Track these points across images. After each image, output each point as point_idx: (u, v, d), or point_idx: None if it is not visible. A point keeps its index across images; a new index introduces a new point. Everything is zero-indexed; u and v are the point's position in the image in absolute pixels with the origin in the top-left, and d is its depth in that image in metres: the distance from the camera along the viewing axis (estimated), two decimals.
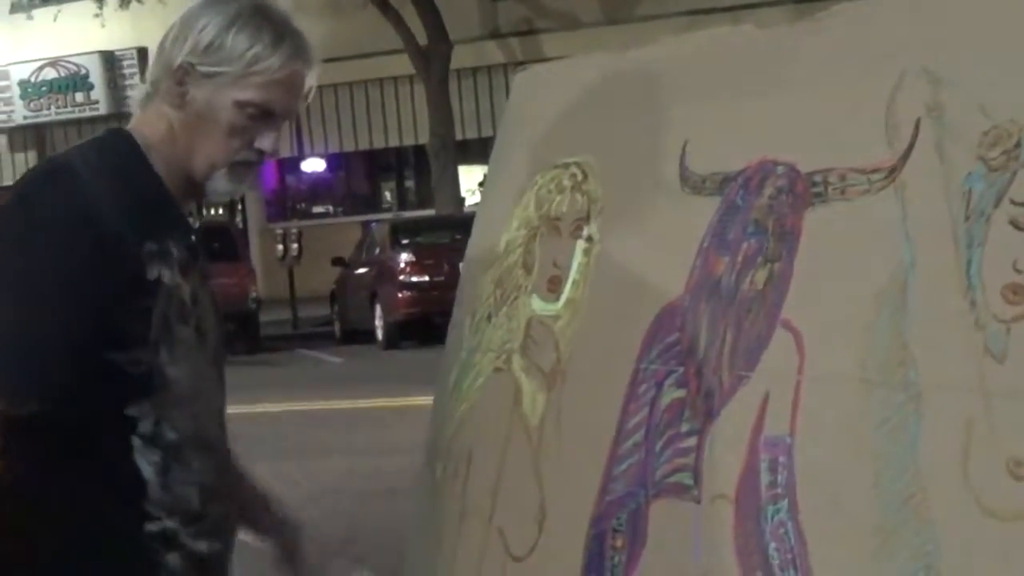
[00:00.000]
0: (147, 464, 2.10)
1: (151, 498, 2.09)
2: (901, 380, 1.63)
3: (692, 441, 1.85)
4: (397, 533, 2.23)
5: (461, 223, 18.01)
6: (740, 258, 1.86)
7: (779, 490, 1.72)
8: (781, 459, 1.72)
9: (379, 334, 18.97)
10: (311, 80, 2.12)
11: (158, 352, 2.08)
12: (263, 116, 2.10)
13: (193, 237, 2.16)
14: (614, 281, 2.07)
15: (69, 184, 2.09)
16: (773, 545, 1.70)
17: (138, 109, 2.14)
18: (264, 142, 2.12)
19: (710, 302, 1.88)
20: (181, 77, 2.07)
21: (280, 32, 2.08)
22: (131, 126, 2.14)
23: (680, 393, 1.89)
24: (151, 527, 2.10)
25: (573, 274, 2.13)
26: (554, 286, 2.16)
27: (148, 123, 2.11)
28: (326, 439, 10.50)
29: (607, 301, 2.07)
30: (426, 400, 2.56)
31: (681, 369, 1.90)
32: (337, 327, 21.16)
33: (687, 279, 1.93)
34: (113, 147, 2.15)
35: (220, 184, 2.14)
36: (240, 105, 2.08)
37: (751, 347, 1.81)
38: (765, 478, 1.73)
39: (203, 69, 2.07)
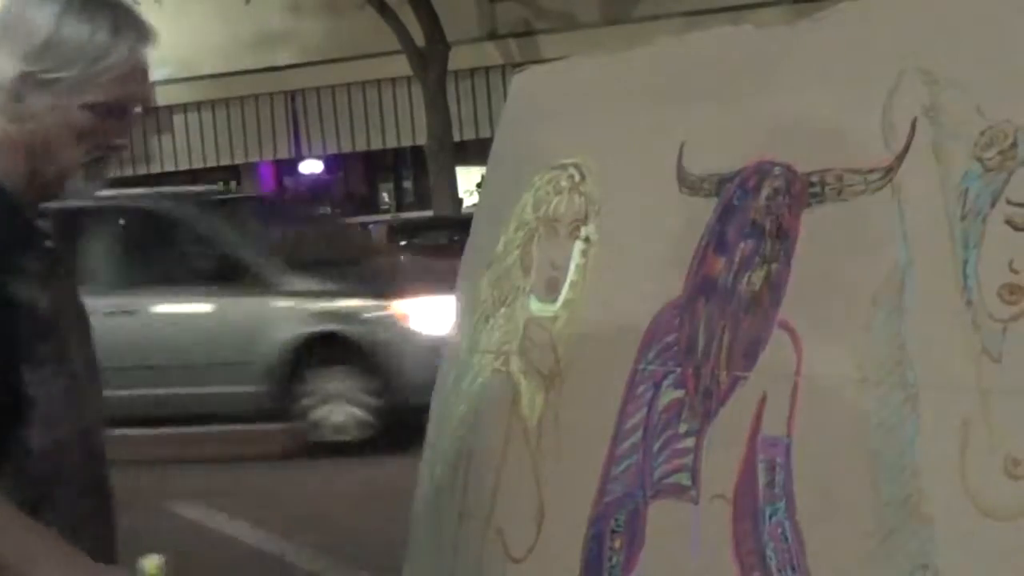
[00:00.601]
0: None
1: None
2: (898, 380, 1.64)
3: (690, 442, 1.85)
4: (396, 534, 2.23)
5: (459, 224, 17.99)
6: (738, 259, 1.87)
7: (777, 490, 1.72)
8: (779, 460, 1.73)
9: None
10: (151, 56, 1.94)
11: (19, 375, 1.94)
12: (115, 112, 1.93)
13: (48, 242, 2.00)
14: (612, 282, 2.07)
15: None
16: (771, 545, 1.71)
17: None
18: (119, 136, 1.96)
19: (708, 303, 1.89)
20: (17, 90, 1.89)
21: (116, 15, 1.90)
22: None
23: (678, 394, 1.89)
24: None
25: (571, 275, 2.14)
26: (552, 287, 2.16)
27: None
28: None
29: (605, 302, 2.07)
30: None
31: (679, 370, 1.90)
32: None
33: (685, 280, 1.93)
34: None
35: (75, 184, 2.00)
36: (88, 107, 1.90)
37: (749, 348, 1.81)
38: (763, 478, 1.74)
39: (40, 77, 1.88)
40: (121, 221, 10.00)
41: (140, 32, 1.92)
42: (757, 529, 1.73)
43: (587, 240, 2.13)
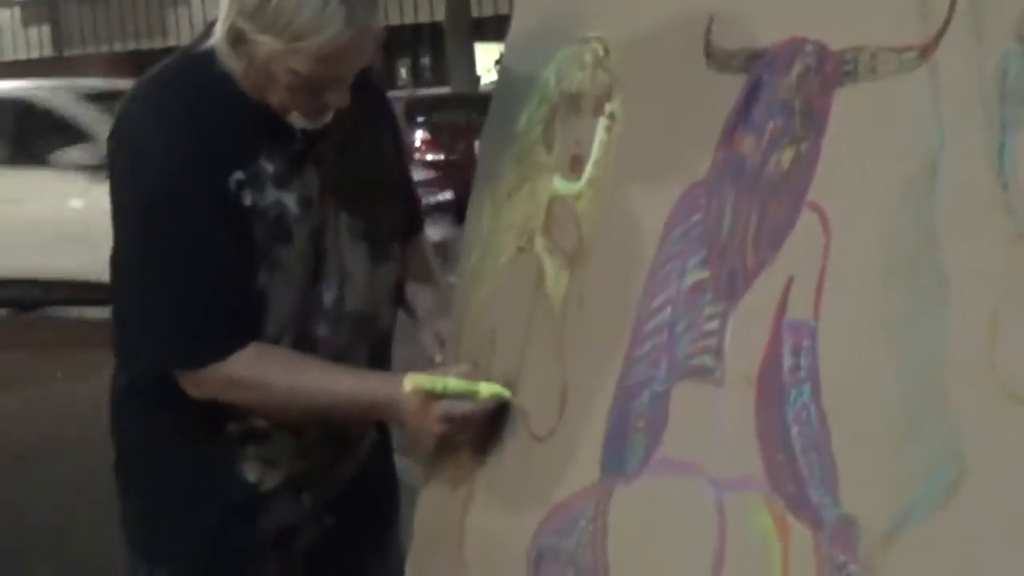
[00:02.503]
0: None
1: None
2: (928, 265, 1.62)
3: (715, 323, 1.84)
4: None
5: (477, 101, 17.91)
6: (766, 138, 1.84)
7: (802, 374, 1.71)
8: (805, 343, 1.71)
9: None
10: (376, 27, 2.04)
11: (255, 278, 2.13)
12: (314, 85, 2.06)
13: (297, 137, 2.15)
14: (637, 160, 2.05)
15: (150, 126, 2.13)
16: (795, 429, 1.70)
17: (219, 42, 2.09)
18: (331, 97, 2.10)
19: (735, 182, 1.86)
20: (233, 39, 2.03)
21: None
22: (214, 47, 2.10)
23: (703, 275, 1.87)
24: (233, 427, 2.26)
25: (595, 153, 2.11)
26: (576, 165, 2.14)
27: (226, 55, 2.08)
28: None
29: (630, 180, 2.05)
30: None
31: (705, 250, 1.88)
32: None
33: (711, 159, 1.90)
34: (188, 72, 2.16)
35: (299, 121, 2.14)
36: (294, 73, 2.03)
37: (776, 230, 1.79)
38: (788, 361, 1.73)
39: (251, 37, 2.01)
40: None
41: (352, 14, 1.98)
42: (781, 412, 1.72)
43: (611, 117, 2.10)
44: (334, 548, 2.38)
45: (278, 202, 2.14)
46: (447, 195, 13.86)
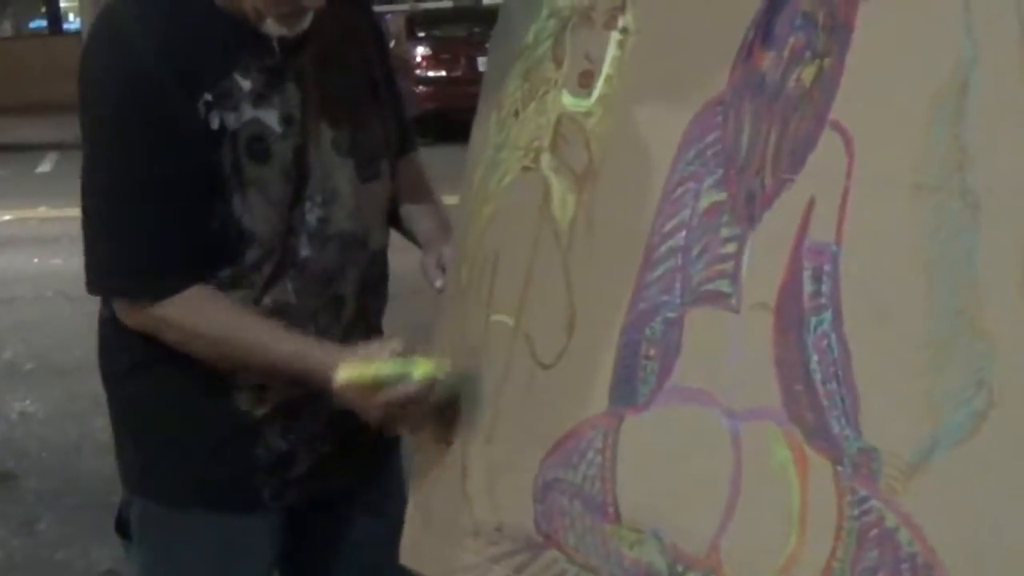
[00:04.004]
0: None
1: None
2: (958, 185, 1.58)
3: (732, 247, 1.81)
4: (416, 336, 2.21)
5: (481, 15, 17.79)
6: (787, 53, 1.80)
7: (823, 300, 1.68)
8: (826, 267, 1.68)
9: None
10: None
11: (230, 202, 2.11)
12: None
13: (274, 50, 2.13)
14: (650, 76, 2.01)
15: (115, 47, 2.10)
16: (815, 358, 1.68)
17: None
18: None
19: (754, 100, 1.83)
20: None
21: None
22: None
23: (720, 196, 1.84)
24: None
25: (606, 68, 2.07)
26: (586, 81, 2.10)
27: None
28: None
29: (643, 98, 2.01)
30: (446, 200, 2.54)
31: (721, 171, 1.85)
32: None
33: (729, 75, 1.86)
34: None
35: (275, 28, 2.12)
36: None
37: (797, 149, 1.76)
38: (808, 287, 1.70)
39: None
40: None
41: None
42: (801, 340, 1.69)
43: (624, 31, 2.06)
44: (331, 473, 2.36)
45: (256, 120, 2.12)
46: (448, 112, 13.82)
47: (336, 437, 2.34)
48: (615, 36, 2.07)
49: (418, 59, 18.11)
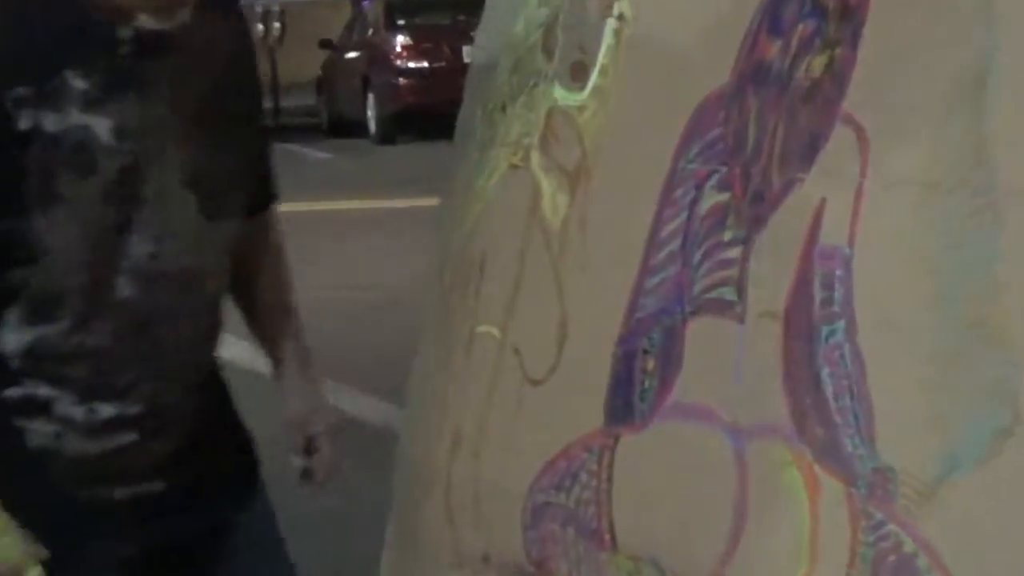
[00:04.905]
0: (13, 329, 2.08)
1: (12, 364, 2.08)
2: (978, 184, 1.60)
3: (736, 251, 1.82)
4: (398, 351, 2.22)
5: (466, 1, 17.78)
6: (795, 41, 1.82)
7: (835, 308, 1.69)
8: (838, 273, 1.70)
9: (372, 126, 18.94)
10: None
11: (29, 218, 2.00)
12: None
13: (122, 51, 2.03)
14: (648, 67, 2.02)
15: None
16: (827, 370, 1.69)
17: None
18: None
19: (759, 93, 1.84)
20: None
21: None
22: None
23: (723, 196, 1.86)
24: (12, 392, 2.10)
25: (601, 59, 2.09)
26: (579, 73, 2.11)
27: None
28: (314, 246, 10.51)
29: (640, 90, 2.03)
30: (427, 202, 2.56)
31: (725, 169, 1.86)
32: (324, 118, 21.08)
33: (733, 65, 1.88)
34: None
35: (147, 22, 2.04)
36: None
37: (806, 145, 1.77)
38: (819, 294, 1.71)
39: None
40: None
41: None
42: (811, 351, 1.70)
43: (620, 18, 2.08)
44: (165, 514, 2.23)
45: (82, 127, 2.01)
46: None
47: (168, 477, 2.21)
48: (610, 24, 2.09)
49: (398, 49, 18.15)
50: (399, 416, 2.35)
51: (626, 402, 1.93)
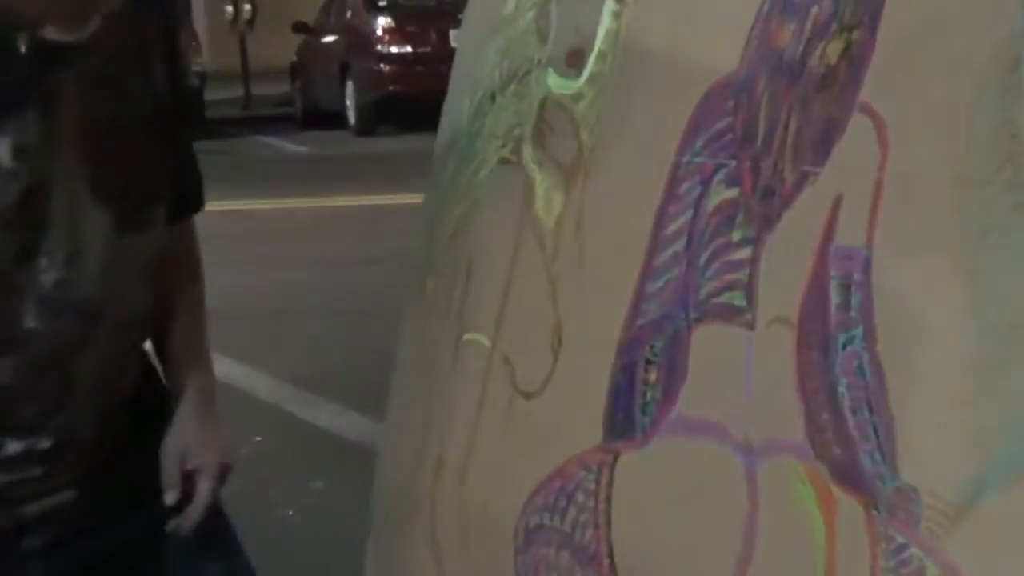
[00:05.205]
0: None
1: None
2: (1009, 179, 1.59)
3: (746, 252, 1.82)
4: (378, 361, 2.22)
5: None
6: (809, 24, 1.82)
7: (853, 314, 1.69)
8: (856, 276, 1.70)
9: (351, 116, 18.98)
10: None
11: None
12: None
13: (20, 64, 1.98)
14: (650, 53, 2.02)
15: None
16: (844, 381, 1.69)
17: None
18: None
19: (770, 80, 1.84)
20: None
21: None
22: None
23: (732, 193, 1.86)
24: None
25: (599, 44, 2.08)
26: (575, 59, 2.11)
27: None
28: (287, 247, 10.55)
29: (641, 77, 2.02)
30: (411, 199, 2.56)
31: (733, 163, 1.86)
32: (299, 108, 21.12)
33: (742, 51, 1.88)
34: None
35: (54, 34, 1.99)
36: None
37: (821, 136, 1.77)
38: (835, 299, 1.71)
39: None
40: None
41: None
42: (827, 361, 1.70)
43: (620, 0, 2.08)
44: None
45: None
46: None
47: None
48: (609, 6, 2.09)
49: (379, 33, 18.16)
50: (378, 432, 2.35)
51: (626, 416, 1.93)
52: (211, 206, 2.36)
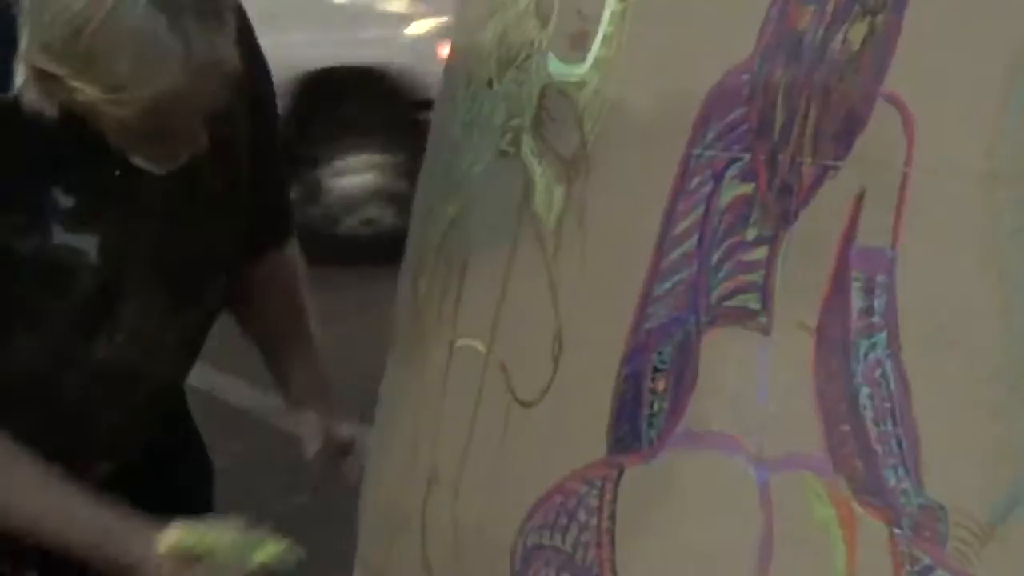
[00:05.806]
0: None
1: None
2: None
3: (761, 252, 1.82)
4: (365, 367, 2.23)
5: None
6: (830, 8, 1.82)
7: (876, 319, 1.69)
8: (879, 278, 1.70)
9: None
10: (225, 60, 1.96)
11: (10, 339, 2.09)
12: (162, 130, 2.01)
13: (115, 159, 2.07)
14: (659, 37, 2.03)
15: None
16: (866, 390, 1.69)
17: None
18: (179, 143, 2.06)
19: (788, 67, 1.84)
20: (40, 80, 1.94)
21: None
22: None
23: (746, 188, 1.86)
24: None
25: (604, 27, 2.09)
26: (578, 43, 2.12)
27: (35, 100, 1.99)
28: None
29: (649, 64, 2.03)
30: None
31: (748, 156, 1.86)
32: None
33: (758, 36, 1.88)
34: None
35: (143, 163, 2.09)
36: (123, 123, 1.96)
37: (842, 128, 1.78)
38: (857, 303, 1.71)
39: (64, 82, 1.92)
40: None
41: (189, 54, 1.91)
42: (848, 369, 1.71)
43: None
44: None
45: (66, 247, 2.10)
46: None
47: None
48: None
49: None
50: (365, 443, 2.35)
51: (632, 427, 1.94)
52: None
